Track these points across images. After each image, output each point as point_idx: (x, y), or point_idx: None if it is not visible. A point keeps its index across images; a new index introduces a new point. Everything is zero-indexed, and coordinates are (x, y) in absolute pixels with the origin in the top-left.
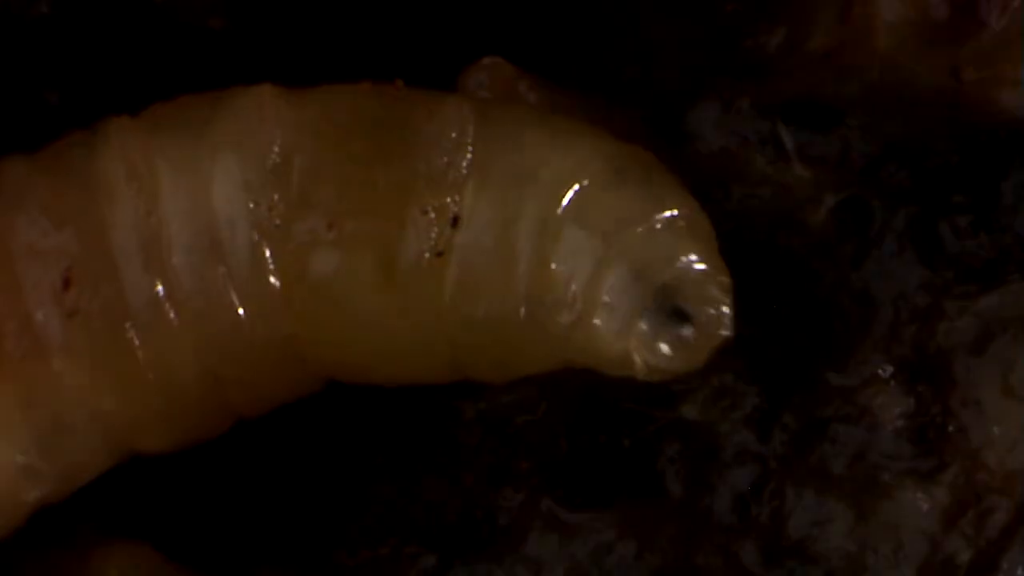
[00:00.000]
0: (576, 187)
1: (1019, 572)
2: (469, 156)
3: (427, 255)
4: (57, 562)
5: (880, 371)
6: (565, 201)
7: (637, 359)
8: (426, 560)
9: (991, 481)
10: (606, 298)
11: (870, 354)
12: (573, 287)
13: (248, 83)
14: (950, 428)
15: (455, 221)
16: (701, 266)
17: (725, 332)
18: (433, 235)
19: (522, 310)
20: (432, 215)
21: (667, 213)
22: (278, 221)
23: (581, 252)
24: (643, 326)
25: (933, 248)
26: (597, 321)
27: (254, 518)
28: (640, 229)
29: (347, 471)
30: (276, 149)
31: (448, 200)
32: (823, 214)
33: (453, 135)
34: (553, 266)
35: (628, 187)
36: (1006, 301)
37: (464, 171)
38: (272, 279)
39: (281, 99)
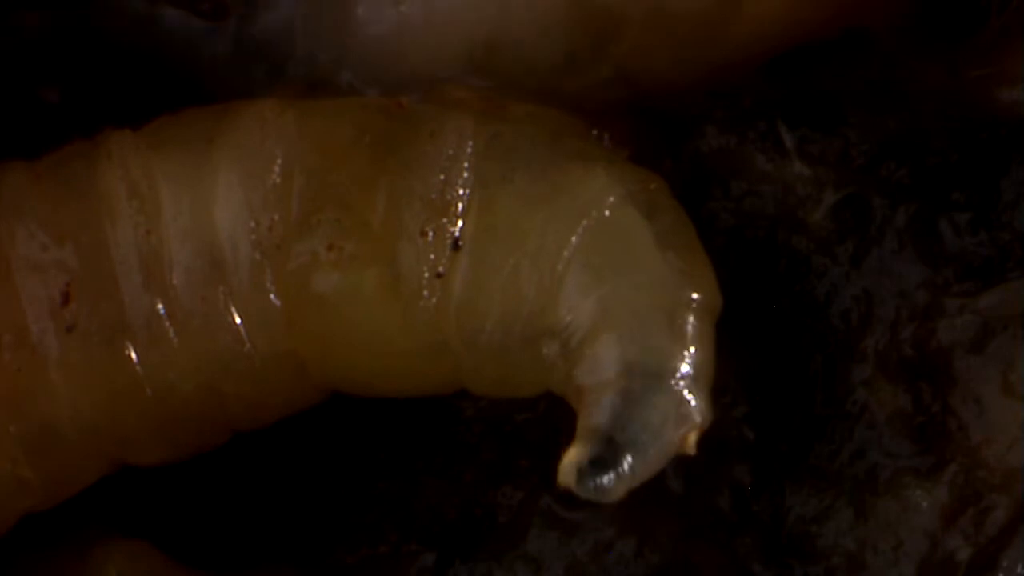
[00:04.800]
0: (590, 220)
1: (1019, 570)
2: (466, 175)
3: (427, 275)
4: (57, 560)
5: (880, 369)
6: (579, 232)
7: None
8: (426, 558)
9: (991, 479)
10: (593, 355)
11: (870, 352)
12: (569, 325)
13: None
14: (950, 426)
15: (457, 243)
16: (687, 378)
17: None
18: (432, 256)
19: (522, 334)
20: (431, 236)
21: (680, 294)
22: (278, 242)
23: (585, 295)
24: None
25: (933, 246)
26: (577, 372)
27: (254, 517)
28: (646, 304)
29: (347, 469)
30: (277, 168)
31: (445, 220)
32: (823, 212)
33: (450, 152)
34: (556, 298)
35: (643, 236)
36: (1006, 299)
37: (462, 190)
38: (273, 298)
39: (283, 115)
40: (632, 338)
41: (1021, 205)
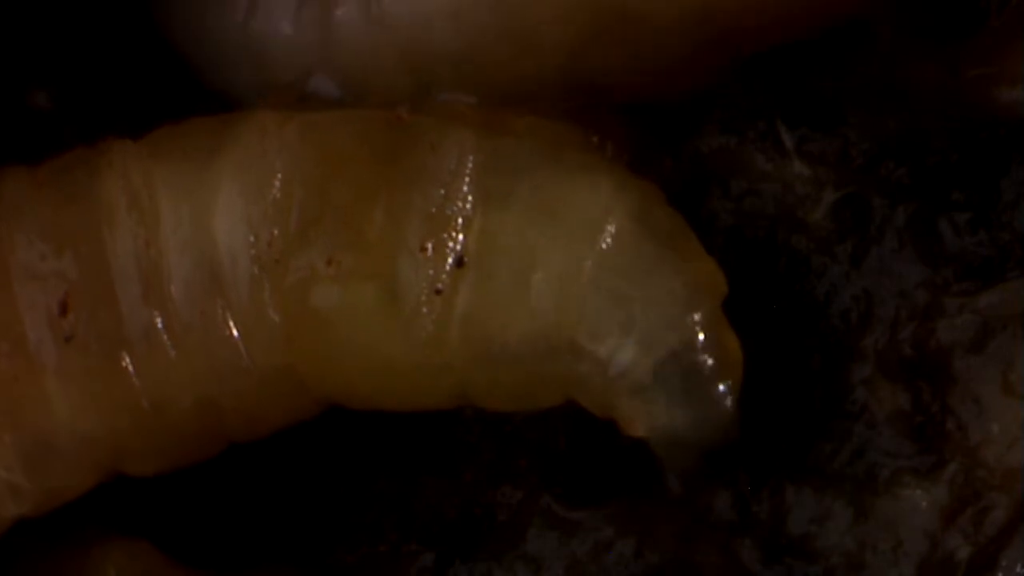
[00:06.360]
0: (599, 240)
1: (1019, 570)
2: (467, 189)
3: (425, 292)
4: (57, 559)
5: (880, 368)
6: (592, 255)
7: (647, 432)
8: (426, 558)
9: (990, 478)
10: (629, 366)
11: (870, 351)
12: (599, 346)
13: None
14: (949, 426)
15: (460, 260)
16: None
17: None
18: (432, 271)
19: (540, 352)
20: (430, 251)
21: (698, 298)
22: (277, 256)
23: (610, 314)
24: (661, 406)
25: (933, 245)
26: (620, 386)
27: (254, 516)
28: (668, 316)
29: (347, 469)
30: (277, 182)
31: (445, 236)
32: (823, 211)
33: (451, 166)
34: (579, 320)
35: (649, 249)
36: (1005, 298)
37: (463, 204)
38: (271, 312)
39: (285, 127)
40: (666, 351)
41: (1021, 205)
